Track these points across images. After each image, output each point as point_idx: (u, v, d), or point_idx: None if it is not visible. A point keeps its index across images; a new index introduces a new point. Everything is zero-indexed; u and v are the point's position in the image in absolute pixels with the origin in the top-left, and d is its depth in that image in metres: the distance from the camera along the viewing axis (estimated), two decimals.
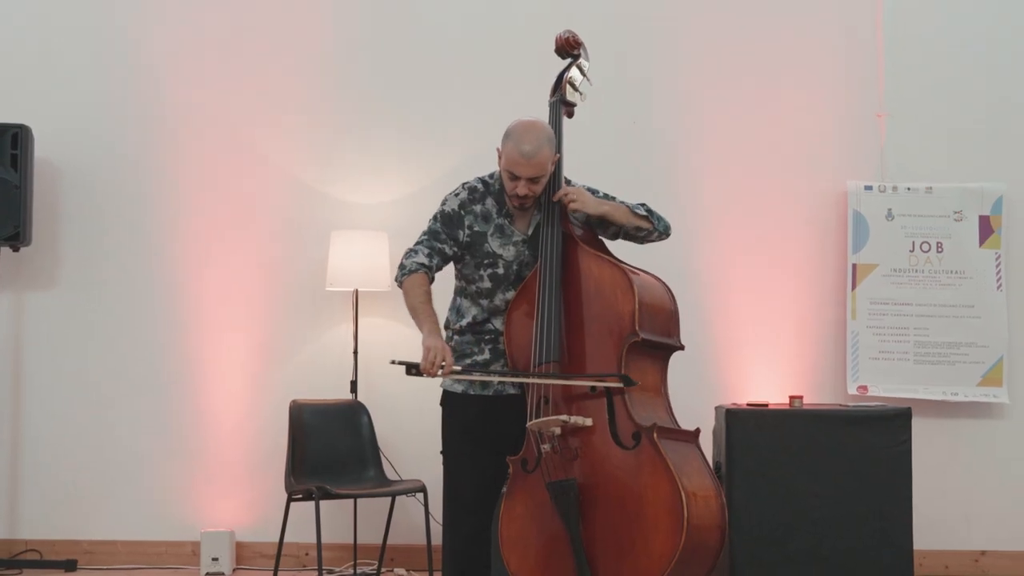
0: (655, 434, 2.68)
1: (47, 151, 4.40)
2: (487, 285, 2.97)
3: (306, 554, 4.31)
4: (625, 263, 2.92)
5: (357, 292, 4.27)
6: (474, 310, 3.01)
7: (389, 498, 4.07)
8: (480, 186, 3.00)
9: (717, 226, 4.42)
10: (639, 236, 3.04)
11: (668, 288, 2.97)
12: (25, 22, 4.53)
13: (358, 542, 4.21)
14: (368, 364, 4.31)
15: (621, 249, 3.07)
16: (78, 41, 4.51)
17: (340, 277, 4.20)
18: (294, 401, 4.10)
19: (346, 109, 4.48)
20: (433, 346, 2.76)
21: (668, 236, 3.08)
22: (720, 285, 4.39)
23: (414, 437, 4.12)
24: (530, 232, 2.98)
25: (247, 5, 4.52)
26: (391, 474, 4.17)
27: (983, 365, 4.31)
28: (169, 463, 4.39)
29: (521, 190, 2.87)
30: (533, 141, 2.84)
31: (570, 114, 3.10)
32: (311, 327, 4.42)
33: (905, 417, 3.69)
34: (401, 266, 2.97)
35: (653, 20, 4.47)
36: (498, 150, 2.92)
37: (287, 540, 4.00)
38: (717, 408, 3.90)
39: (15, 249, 4.30)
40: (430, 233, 2.99)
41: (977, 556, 4.32)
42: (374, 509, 4.20)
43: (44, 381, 4.43)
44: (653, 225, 3.02)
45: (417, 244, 2.99)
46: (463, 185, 3.02)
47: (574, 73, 3.08)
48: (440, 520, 3.09)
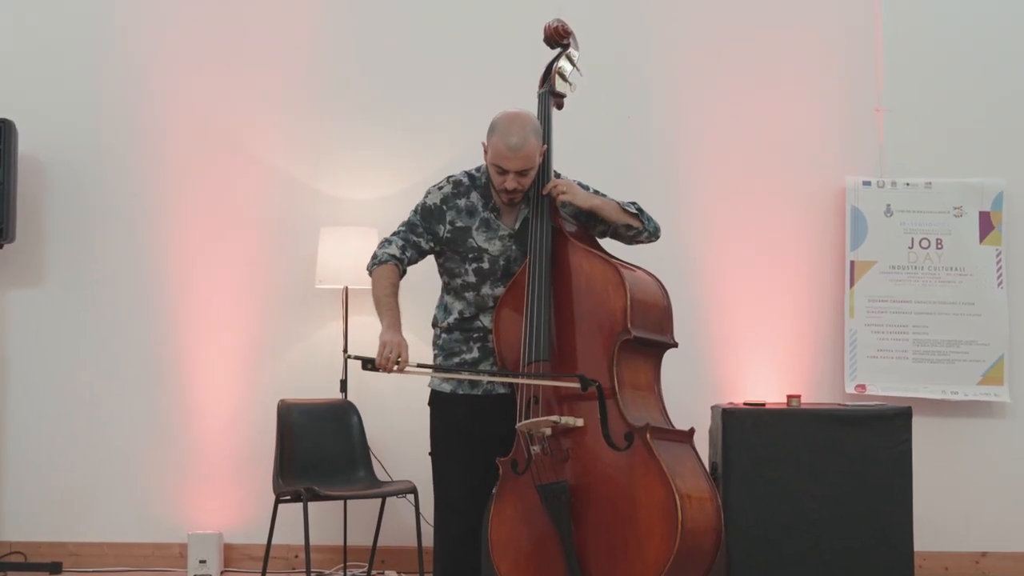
0: (648, 434, 2.63)
1: (31, 147, 4.35)
2: (472, 279, 2.92)
3: (295, 556, 4.26)
4: (617, 258, 2.86)
5: (347, 289, 4.22)
6: (459, 305, 2.96)
7: (379, 499, 4.03)
8: (465, 180, 2.95)
9: (713, 222, 4.37)
10: (628, 235, 2.98)
11: (661, 284, 2.91)
12: (8, 15, 4.48)
13: (348, 544, 4.18)
14: (358, 363, 4.21)
15: (614, 245, 3.01)
16: (63, 34, 4.46)
17: (330, 274, 4.17)
18: (282, 401, 4.06)
19: (336, 104, 4.44)
20: (389, 341, 2.71)
21: (657, 238, 3.02)
22: (716, 282, 4.35)
23: (405, 437, 4.07)
24: (517, 227, 2.92)
25: (235, 0, 4.46)
26: (381, 475, 4.13)
27: (983, 363, 4.27)
28: (156, 464, 4.35)
29: (509, 184, 2.82)
30: (519, 132, 2.78)
31: (559, 105, 3.04)
32: (300, 325, 4.38)
33: (905, 417, 3.65)
34: (373, 255, 2.93)
35: (649, 15, 4.43)
36: (483, 144, 2.87)
37: (276, 542, 3.96)
38: (713, 407, 3.86)
39: None
40: (408, 225, 2.94)
41: (978, 558, 4.28)
42: (364, 510, 4.16)
43: (28, 381, 4.39)
44: (643, 224, 2.96)
45: (393, 234, 2.94)
46: (448, 179, 2.97)
47: (563, 63, 3.02)
48: (431, 522, 3.04)
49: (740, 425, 3.64)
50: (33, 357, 4.39)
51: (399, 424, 4.18)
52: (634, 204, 2.97)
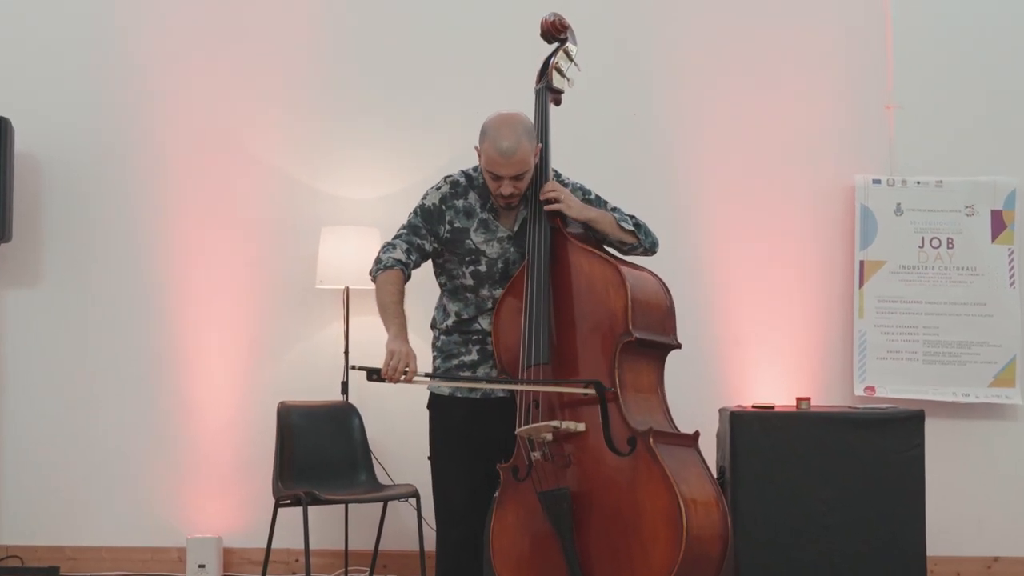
0: (651, 439, 2.57)
1: (28, 145, 4.32)
2: (470, 282, 2.87)
3: (296, 560, 4.22)
4: (617, 257, 2.81)
5: (348, 290, 4.19)
6: (456, 306, 2.91)
7: (381, 503, 3.99)
8: (463, 180, 2.89)
9: (720, 221, 4.32)
10: (622, 249, 2.92)
11: (663, 283, 2.85)
12: (6, 13, 4.45)
13: (349, 548, 4.14)
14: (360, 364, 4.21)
15: None
16: (60, 32, 4.43)
17: (331, 274, 4.13)
18: (282, 403, 4.02)
19: (336, 102, 4.40)
20: (397, 350, 2.66)
21: (653, 253, 2.95)
22: (722, 282, 4.29)
23: (406, 440, 3.99)
24: (516, 228, 2.87)
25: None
26: (383, 478, 4.09)
27: (995, 365, 4.20)
28: (155, 466, 4.32)
29: (505, 189, 2.77)
30: (510, 136, 2.72)
31: (557, 101, 2.98)
32: (301, 326, 4.34)
33: (918, 420, 3.59)
34: (377, 259, 2.87)
35: (653, 12, 4.38)
36: (477, 149, 2.81)
37: (276, 546, 3.93)
38: (721, 410, 3.81)
39: None
40: (409, 228, 2.88)
41: (990, 563, 4.22)
42: (365, 514, 4.12)
43: (26, 382, 4.36)
44: (639, 240, 2.90)
45: (395, 238, 2.88)
46: (445, 179, 2.91)
47: (560, 58, 2.96)
48: (434, 526, 3.00)
49: (749, 428, 3.59)
50: (31, 358, 4.36)
51: (401, 427, 4.13)
52: (632, 219, 2.91)
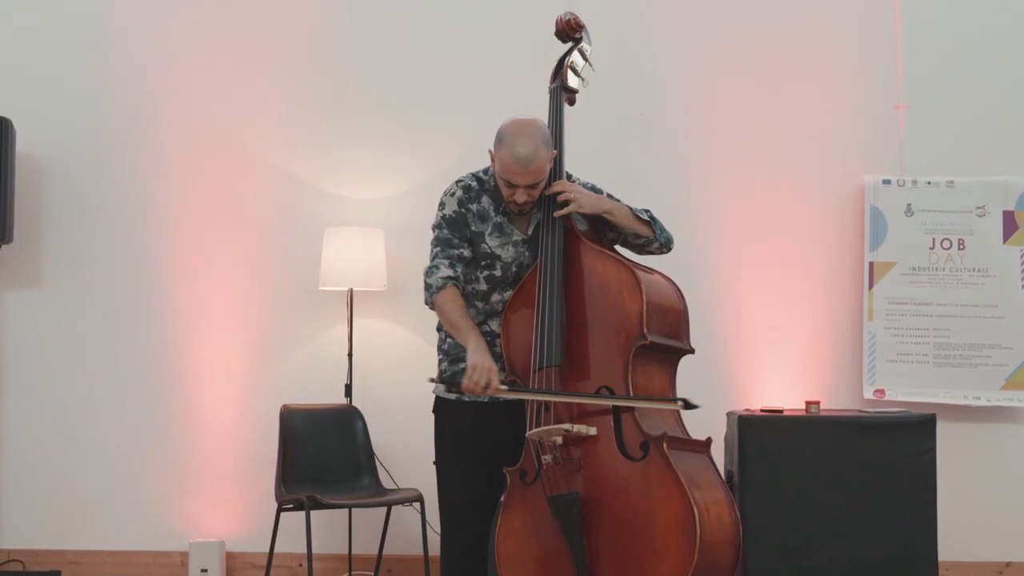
0: (665, 444, 2.53)
1: (29, 146, 4.30)
2: (483, 287, 2.83)
3: (299, 565, 4.19)
4: (631, 260, 2.76)
5: (352, 292, 4.15)
6: (470, 312, 2.84)
7: (385, 507, 3.95)
8: (475, 183, 2.84)
9: (728, 222, 4.29)
10: (638, 243, 2.87)
11: (677, 287, 2.81)
12: (7, 13, 4.42)
13: (353, 553, 4.11)
14: (363, 367, 4.21)
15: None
16: (62, 33, 4.40)
17: (334, 276, 4.10)
18: (285, 406, 3.99)
19: (340, 102, 4.37)
20: (480, 365, 2.60)
21: (669, 250, 2.90)
22: (730, 284, 4.26)
23: (411, 444, 4.02)
24: (530, 232, 2.83)
25: None
26: (387, 482, 4.06)
27: (1007, 368, 4.16)
28: (157, 470, 4.29)
29: (520, 197, 2.73)
30: (528, 144, 2.67)
31: (571, 101, 2.95)
32: (304, 328, 4.31)
33: (929, 424, 3.57)
34: (427, 286, 2.78)
35: (660, 9, 4.35)
36: (490, 153, 2.76)
37: (279, 550, 3.90)
38: (729, 414, 3.78)
39: None
40: (441, 243, 2.80)
41: (1001, 568, 4.18)
42: (369, 519, 4.09)
43: (27, 384, 4.33)
44: (655, 234, 2.85)
45: (434, 260, 2.80)
46: (456, 183, 2.86)
47: (575, 58, 2.93)
48: (438, 530, 2.97)
49: (757, 433, 3.56)
50: (32, 360, 4.34)
51: (405, 430, 4.12)
52: (647, 212, 2.87)
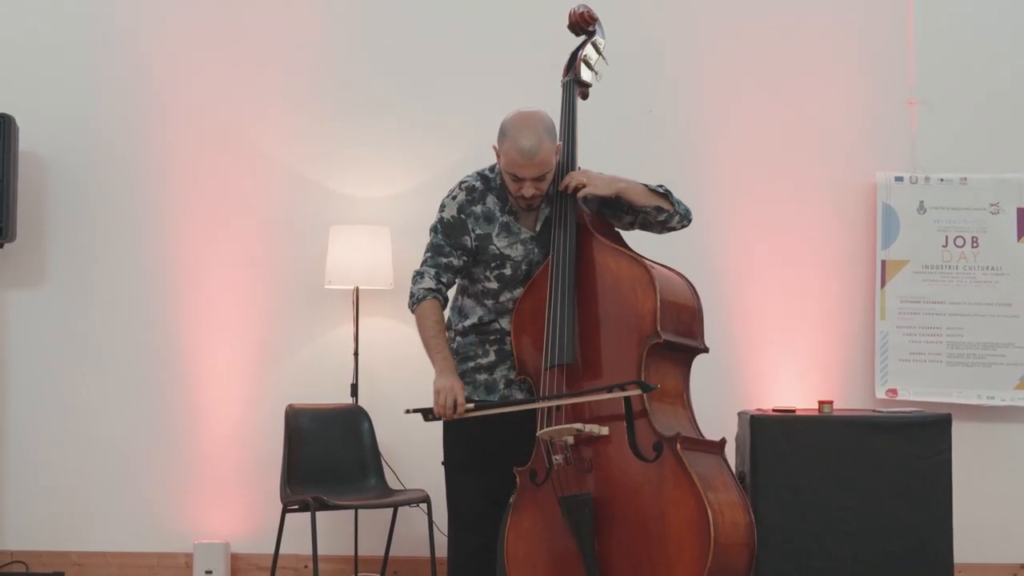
0: (678, 445, 2.50)
1: (32, 143, 4.27)
2: (493, 286, 2.80)
3: (304, 567, 4.16)
4: (645, 257, 2.72)
5: (357, 290, 4.12)
6: (479, 311, 2.83)
7: (391, 508, 3.93)
8: (479, 183, 2.81)
9: (738, 220, 4.25)
10: (658, 221, 2.81)
11: (691, 285, 2.78)
12: (8, 11, 4.39)
13: (359, 554, 4.07)
14: (369, 367, 4.18)
15: (635, 244, 2.86)
16: (65, 29, 4.37)
17: (340, 274, 4.07)
18: (290, 406, 3.97)
19: (345, 98, 4.34)
20: (443, 388, 2.64)
21: (689, 221, 2.86)
22: (741, 283, 4.22)
23: (417, 444, 3.94)
24: (538, 228, 2.79)
25: None
26: (393, 483, 4.03)
27: (1021, 367, 4.11)
28: (161, 470, 4.26)
29: (527, 191, 2.69)
30: (532, 136, 2.64)
31: (584, 95, 2.91)
32: (309, 327, 4.27)
33: (944, 424, 3.53)
34: (411, 294, 2.79)
35: (673, 5, 4.33)
36: (495, 148, 2.73)
37: (284, 552, 3.86)
38: (740, 414, 3.75)
39: None
40: (433, 249, 2.80)
41: (1016, 570, 4.15)
42: (376, 520, 4.06)
43: (29, 384, 4.30)
44: (673, 207, 2.80)
45: (423, 265, 2.80)
46: (460, 185, 2.83)
47: (589, 51, 2.89)
48: (445, 532, 2.94)
49: (769, 433, 3.54)
50: (34, 360, 4.31)
51: (412, 430, 3.96)
52: (661, 186, 2.83)
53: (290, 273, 4.27)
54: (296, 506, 3.69)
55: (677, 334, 2.64)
